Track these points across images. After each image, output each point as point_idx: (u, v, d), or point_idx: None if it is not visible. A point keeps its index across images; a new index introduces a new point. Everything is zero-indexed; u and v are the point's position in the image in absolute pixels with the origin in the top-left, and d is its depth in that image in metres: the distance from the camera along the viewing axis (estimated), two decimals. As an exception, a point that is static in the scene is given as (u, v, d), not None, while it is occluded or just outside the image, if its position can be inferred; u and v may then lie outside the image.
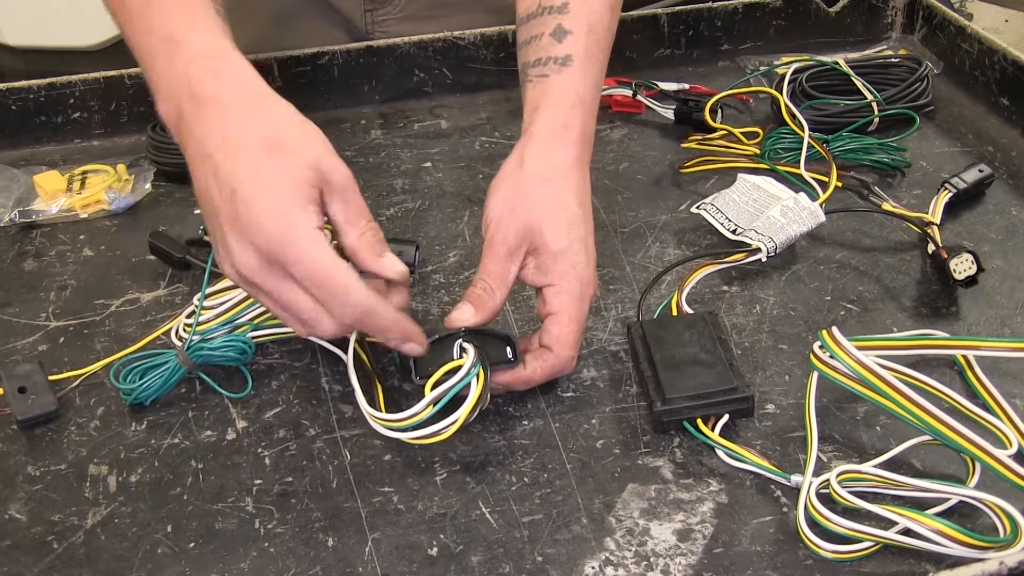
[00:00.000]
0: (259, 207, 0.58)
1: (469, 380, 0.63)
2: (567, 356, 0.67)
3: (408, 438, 0.64)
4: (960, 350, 0.69)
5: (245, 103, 0.62)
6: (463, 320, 0.66)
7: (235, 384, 0.72)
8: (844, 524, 0.58)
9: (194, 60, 0.62)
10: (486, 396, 0.64)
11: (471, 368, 0.63)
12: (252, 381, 0.72)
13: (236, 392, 0.71)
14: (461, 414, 0.62)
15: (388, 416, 0.64)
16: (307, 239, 0.58)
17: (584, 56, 0.72)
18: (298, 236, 0.58)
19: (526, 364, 0.67)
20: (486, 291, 0.67)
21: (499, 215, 0.68)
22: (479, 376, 0.63)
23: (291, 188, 0.59)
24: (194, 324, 0.71)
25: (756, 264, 0.81)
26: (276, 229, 0.58)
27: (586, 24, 0.72)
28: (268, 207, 0.58)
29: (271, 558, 0.60)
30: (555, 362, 0.67)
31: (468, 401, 0.63)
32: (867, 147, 0.92)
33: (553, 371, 0.68)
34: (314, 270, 0.59)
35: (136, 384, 0.69)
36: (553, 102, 0.71)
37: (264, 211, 0.58)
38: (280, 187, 0.59)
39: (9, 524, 0.63)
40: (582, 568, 0.59)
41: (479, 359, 0.64)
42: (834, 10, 1.12)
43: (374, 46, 1.04)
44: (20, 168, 0.95)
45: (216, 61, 0.63)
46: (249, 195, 0.58)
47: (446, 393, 0.63)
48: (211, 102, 0.61)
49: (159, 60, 0.64)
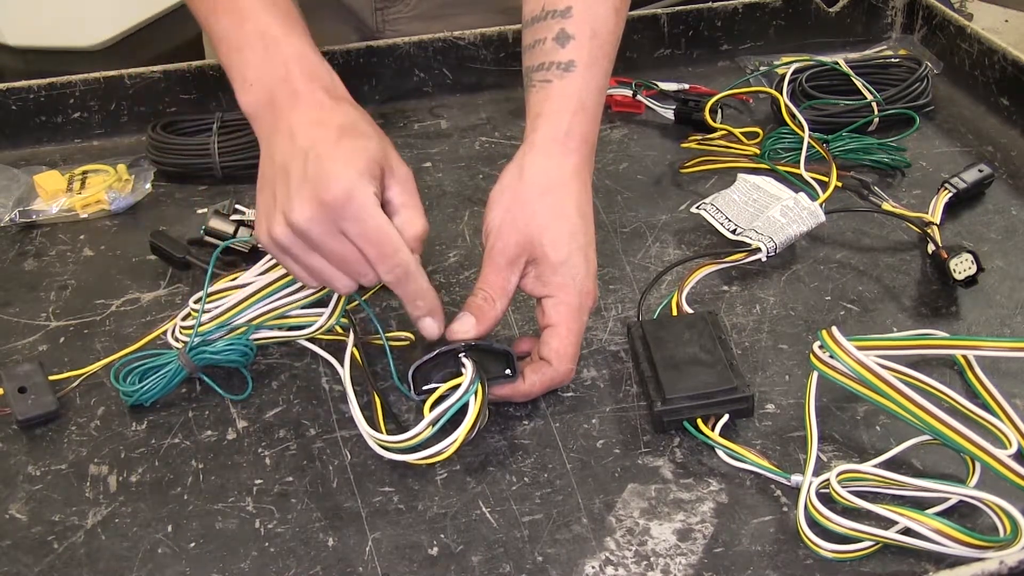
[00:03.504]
0: (333, 167, 0.64)
1: (467, 399, 0.63)
2: (566, 369, 0.68)
3: (410, 459, 0.64)
4: (960, 350, 0.69)
5: (333, 102, 0.68)
6: (464, 332, 0.66)
7: (235, 385, 0.72)
8: (844, 524, 0.58)
9: (292, 59, 0.69)
10: (484, 413, 0.64)
11: (469, 386, 0.63)
12: (252, 382, 0.72)
13: (237, 394, 0.71)
14: (460, 433, 0.62)
15: (388, 438, 0.64)
16: (371, 201, 0.64)
17: (587, 61, 0.71)
18: (363, 196, 0.64)
19: (525, 378, 0.67)
20: (487, 301, 0.67)
21: (499, 225, 0.68)
22: (477, 394, 0.63)
23: (361, 161, 0.65)
24: (196, 326, 0.71)
25: (756, 264, 0.81)
26: (345, 186, 0.63)
27: (589, 29, 0.72)
28: (341, 168, 0.64)
29: (271, 558, 0.60)
30: (554, 375, 0.67)
31: (466, 420, 0.63)
32: (867, 147, 0.92)
33: (552, 384, 0.68)
34: (372, 226, 0.64)
35: (137, 386, 0.69)
36: (555, 109, 0.71)
37: (337, 171, 0.64)
38: (353, 157, 0.65)
39: (9, 524, 0.63)
40: (582, 568, 0.59)
41: (477, 376, 0.64)
42: (834, 10, 1.12)
43: (374, 46, 1.04)
44: (20, 168, 0.95)
45: (312, 66, 0.70)
46: (325, 157, 0.64)
47: (445, 413, 0.63)
48: (305, 96, 0.68)
49: (251, 52, 0.70)
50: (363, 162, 0.64)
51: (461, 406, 0.63)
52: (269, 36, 0.69)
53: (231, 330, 0.72)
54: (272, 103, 0.68)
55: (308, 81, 0.68)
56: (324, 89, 0.68)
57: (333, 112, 0.67)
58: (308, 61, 0.70)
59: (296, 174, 0.64)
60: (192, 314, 0.73)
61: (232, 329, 0.72)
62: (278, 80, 0.68)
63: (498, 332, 0.76)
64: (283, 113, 0.67)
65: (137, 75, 1.00)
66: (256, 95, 0.69)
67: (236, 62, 0.70)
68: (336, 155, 0.64)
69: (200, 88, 1.01)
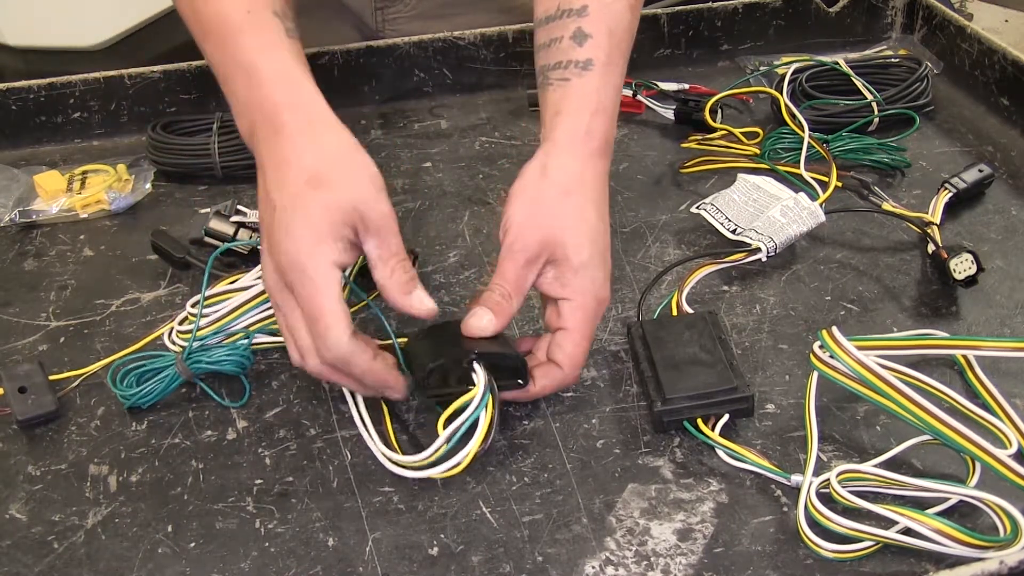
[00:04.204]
0: (288, 231, 0.62)
1: (478, 414, 0.62)
2: (575, 375, 0.68)
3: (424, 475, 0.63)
4: (960, 350, 0.69)
5: (308, 134, 0.65)
6: (481, 327, 0.65)
7: (234, 387, 0.72)
8: (844, 524, 0.58)
9: (269, 87, 0.67)
10: (495, 424, 0.64)
11: (481, 399, 0.62)
12: (250, 389, 0.71)
13: (234, 401, 0.71)
14: (473, 446, 0.62)
15: (405, 458, 0.64)
16: (318, 273, 0.61)
17: (605, 61, 0.71)
18: (310, 268, 0.61)
19: (535, 381, 0.67)
20: (504, 297, 0.66)
21: (520, 222, 0.67)
22: (488, 406, 0.63)
23: (320, 222, 0.62)
24: (194, 331, 0.71)
25: (756, 264, 0.81)
26: (294, 256, 0.61)
27: (606, 27, 0.71)
28: (295, 233, 0.62)
29: (271, 558, 0.60)
30: (564, 379, 0.67)
31: (477, 434, 0.62)
32: (867, 147, 0.92)
33: (560, 387, 0.69)
34: (310, 303, 0.62)
35: (135, 390, 0.69)
36: (575, 108, 0.70)
37: (290, 236, 0.62)
38: (311, 218, 0.62)
39: (9, 524, 0.63)
40: (582, 568, 0.59)
41: (488, 388, 0.63)
42: (834, 10, 1.12)
43: (374, 46, 1.04)
44: (20, 168, 0.95)
45: (289, 90, 0.67)
46: (284, 217, 0.62)
47: (459, 429, 0.62)
48: (280, 129, 0.65)
49: (235, 83, 0.68)
50: (326, 224, 0.62)
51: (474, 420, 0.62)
52: (249, 65, 0.67)
53: (229, 335, 0.72)
54: (253, 134, 0.67)
55: (288, 111, 0.66)
56: (302, 119, 0.66)
57: (301, 151, 0.64)
58: (290, 84, 0.67)
59: (265, 225, 0.65)
60: (189, 318, 0.73)
61: (231, 334, 0.72)
62: (259, 112, 0.67)
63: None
64: (260, 147, 0.66)
65: (137, 75, 1.00)
66: (242, 123, 0.69)
67: (227, 92, 0.70)
68: (293, 216, 0.62)
69: (200, 88, 1.01)
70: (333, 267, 0.62)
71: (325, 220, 0.62)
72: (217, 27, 0.69)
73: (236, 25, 0.68)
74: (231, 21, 0.69)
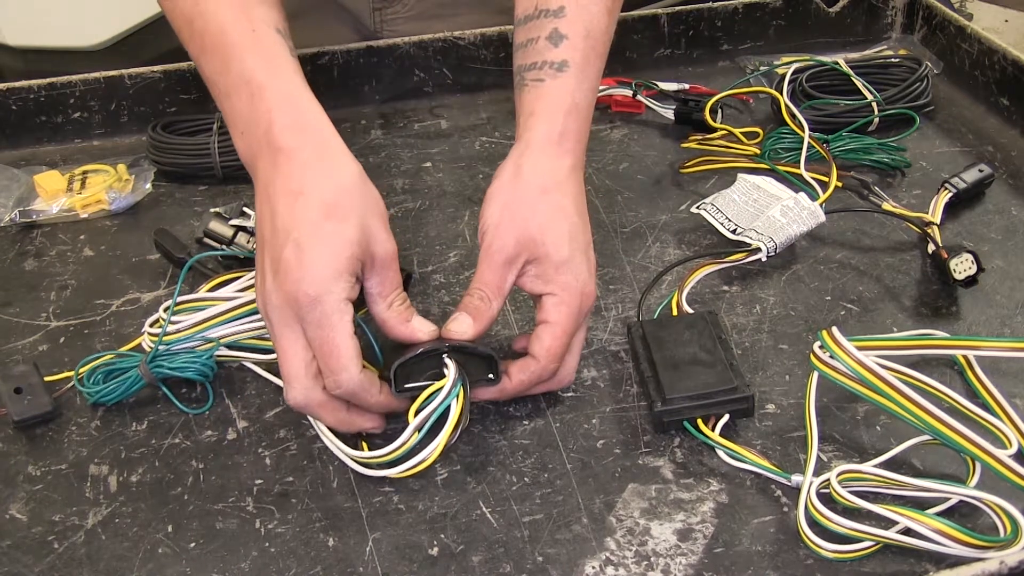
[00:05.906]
0: (304, 263, 0.61)
1: (449, 402, 0.62)
2: (552, 368, 0.67)
3: (393, 474, 0.63)
4: (960, 350, 0.69)
5: (318, 161, 0.64)
6: (461, 333, 0.65)
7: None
8: (844, 524, 0.58)
9: (275, 107, 0.65)
10: (466, 416, 0.64)
11: (451, 389, 0.63)
12: (213, 397, 0.71)
13: (195, 408, 0.70)
14: (441, 439, 0.62)
15: (375, 452, 0.63)
16: (335, 309, 0.61)
17: (581, 62, 0.71)
18: (328, 303, 0.61)
19: (511, 376, 0.67)
20: (483, 300, 0.66)
21: (496, 223, 0.67)
22: (459, 397, 0.63)
23: (339, 256, 0.62)
24: (161, 335, 0.70)
25: (756, 264, 0.81)
26: (312, 289, 0.61)
27: (583, 28, 0.71)
28: (312, 267, 0.61)
29: (272, 558, 0.60)
30: (540, 372, 0.66)
31: (447, 425, 0.62)
32: (867, 147, 0.92)
33: (538, 381, 0.67)
34: (326, 339, 0.61)
35: (100, 387, 0.69)
36: (549, 108, 0.70)
37: (306, 268, 0.61)
38: (330, 252, 0.61)
39: (9, 524, 0.63)
40: (582, 568, 0.59)
41: (459, 379, 0.63)
42: (834, 10, 1.12)
43: (374, 46, 1.04)
44: (20, 168, 0.96)
45: (297, 112, 0.66)
46: (305, 248, 0.61)
47: (428, 418, 0.62)
48: (288, 153, 0.64)
49: (238, 99, 0.67)
50: (343, 260, 0.61)
51: (444, 409, 0.62)
52: (254, 83, 0.66)
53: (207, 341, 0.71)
54: (256, 156, 0.66)
55: (294, 133, 0.65)
56: (311, 145, 0.65)
57: (317, 180, 0.63)
58: (294, 107, 0.66)
59: (272, 250, 0.63)
60: (160, 321, 0.72)
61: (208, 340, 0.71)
62: (261, 134, 0.65)
63: (498, 332, 0.76)
64: (266, 177, 0.65)
65: (137, 75, 1.00)
66: (242, 143, 0.68)
67: (227, 109, 0.69)
68: (315, 248, 0.61)
69: (200, 88, 1.01)
70: (346, 303, 0.62)
71: (343, 255, 0.62)
72: (219, 44, 0.68)
73: (240, 43, 0.68)
74: (234, 40, 0.68)
